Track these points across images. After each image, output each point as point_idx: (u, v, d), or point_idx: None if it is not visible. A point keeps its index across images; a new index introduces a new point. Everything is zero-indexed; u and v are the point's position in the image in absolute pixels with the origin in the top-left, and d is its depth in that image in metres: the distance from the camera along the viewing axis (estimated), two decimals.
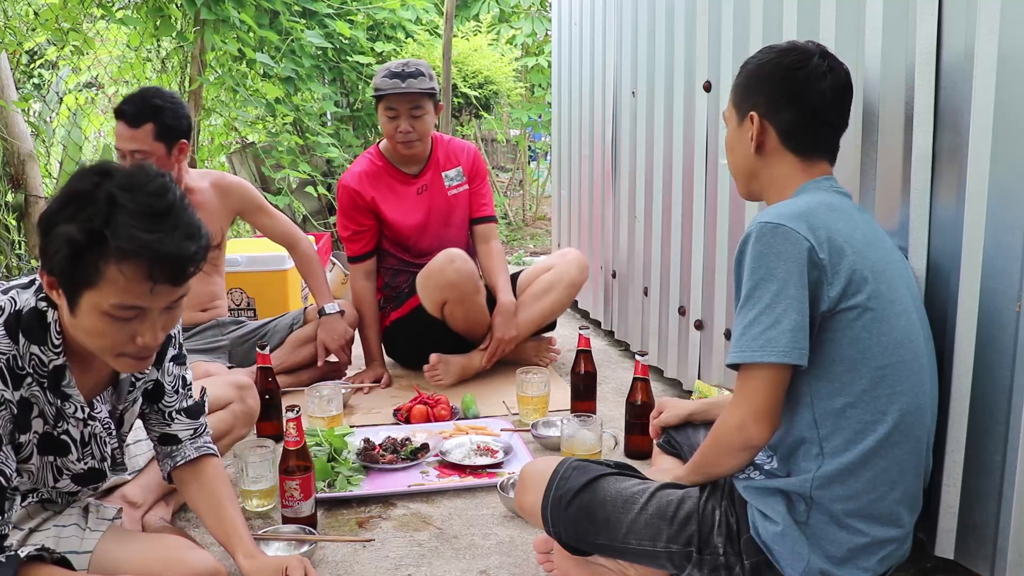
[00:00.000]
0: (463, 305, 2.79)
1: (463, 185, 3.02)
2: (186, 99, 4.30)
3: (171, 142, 2.39)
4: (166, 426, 1.60)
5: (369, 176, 2.92)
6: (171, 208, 1.22)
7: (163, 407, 1.58)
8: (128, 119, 2.34)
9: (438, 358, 2.83)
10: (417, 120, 2.81)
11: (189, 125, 2.44)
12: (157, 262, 1.19)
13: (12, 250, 3.38)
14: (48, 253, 1.21)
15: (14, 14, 3.76)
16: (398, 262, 3.01)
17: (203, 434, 1.65)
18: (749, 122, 1.46)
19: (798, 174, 1.45)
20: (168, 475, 1.63)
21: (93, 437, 1.44)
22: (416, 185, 2.95)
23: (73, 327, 1.28)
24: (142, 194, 1.20)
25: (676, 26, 2.69)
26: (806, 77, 1.41)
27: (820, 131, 1.44)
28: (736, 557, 1.36)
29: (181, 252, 1.21)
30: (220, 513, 1.54)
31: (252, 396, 2.20)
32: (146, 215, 1.19)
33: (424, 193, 2.96)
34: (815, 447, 1.31)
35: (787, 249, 1.27)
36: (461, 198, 3.02)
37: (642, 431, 2.28)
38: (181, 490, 1.64)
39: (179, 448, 1.61)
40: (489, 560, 1.78)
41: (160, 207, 1.21)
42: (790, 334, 1.25)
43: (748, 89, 1.48)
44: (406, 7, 5.69)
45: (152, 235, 1.19)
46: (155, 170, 1.25)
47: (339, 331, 2.77)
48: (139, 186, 1.21)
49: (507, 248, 6.65)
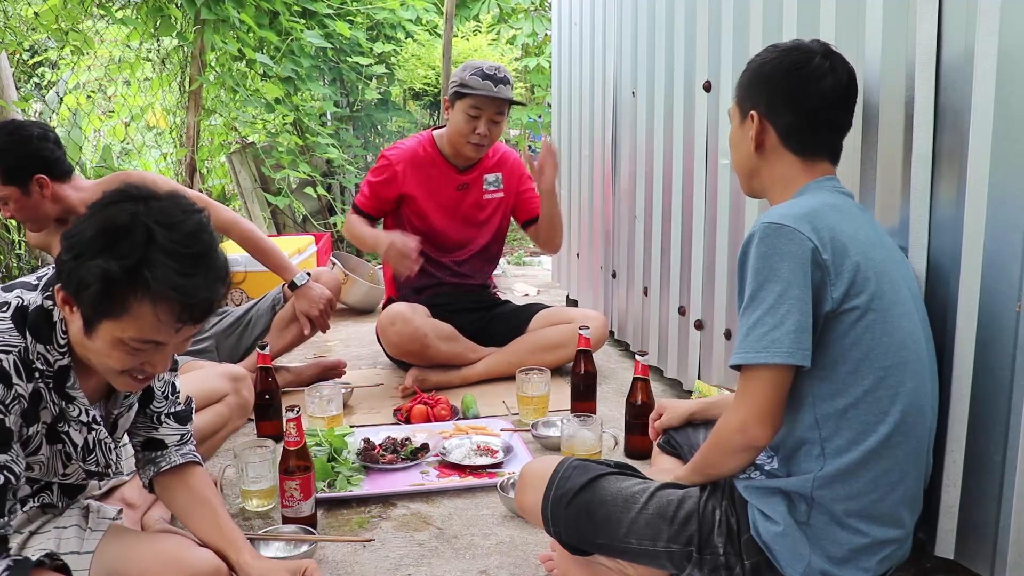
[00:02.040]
0: (421, 356, 2.83)
1: (499, 192, 3.04)
2: (186, 99, 4.30)
3: (23, 181, 2.26)
4: (153, 430, 1.58)
5: (415, 161, 2.92)
6: (207, 251, 1.24)
7: (152, 411, 1.58)
8: None
9: (413, 378, 2.83)
10: (495, 126, 2.84)
11: (43, 157, 2.27)
12: (189, 306, 1.21)
13: (12, 250, 3.38)
14: (74, 277, 1.20)
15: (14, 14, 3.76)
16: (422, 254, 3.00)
17: (188, 442, 1.64)
18: (750, 121, 1.47)
19: (799, 174, 1.45)
20: (150, 482, 1.61)
21: (98, 443, 1.44)
22: (459, 181, 2.97)
23: (81, 344, 1.29)
24: (179, 234, 1.20)
25: (676, 26, 2.69)
26: (806, 77, 1.41)
27: (820, 132, 1.44)
28: (736, 557, 1.36)
29: (213, 296, 1.24)
30: (216, 519, 1.53)
31: (247, 387, 2.19)
32: (184, 257, 1.20)
33: (463, 191, 2.98)
34: (816, 448, 1.31)
35: (791, 250, 1.27)
36: (494, 203, 3.04)
37: (642, 431, 2.28)
38: (165, 497, 1.61)
39: (164, 454, 1.60)
40: (489, 560, 1.78)
41: (197, 250, 1.22)
42: (793, 335, 1.25)
43: (750, 88, 1.48)
44: (406, 7, 5.69)
45: (189, 280, 1.19)
46: (189, 204, 1.26)
47: (315, 296, 2.70)
48: (177, 224, 1.21)
49: (507, 248, 6.65)
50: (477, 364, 2.91)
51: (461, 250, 3.04)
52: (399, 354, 2.84)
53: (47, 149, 2.31)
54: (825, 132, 1.45)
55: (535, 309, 3.05)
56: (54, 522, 1.44)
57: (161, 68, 4.50)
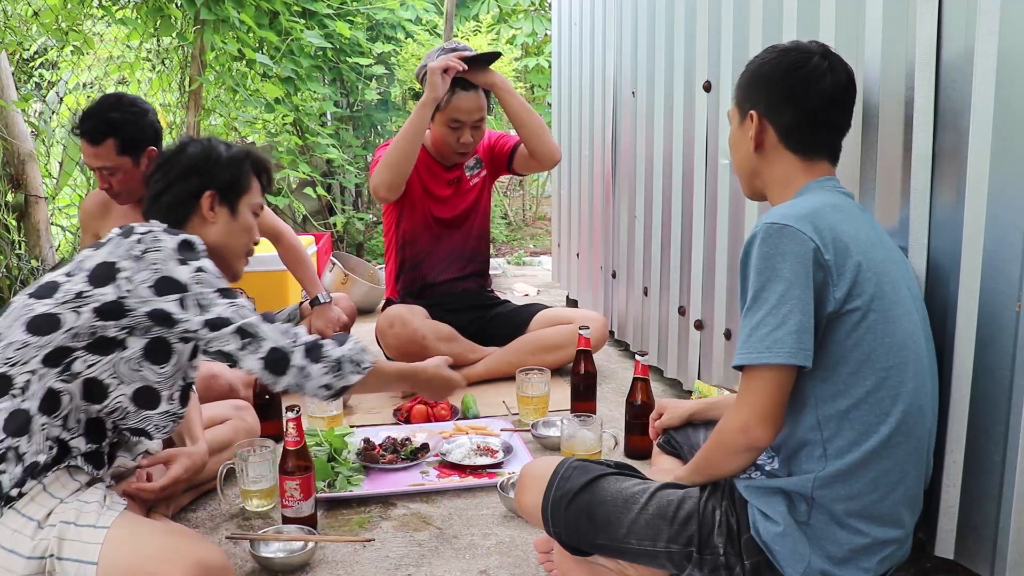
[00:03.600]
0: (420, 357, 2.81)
1: (481, 171, 3.10)
2: (186, 99, 4.29)
3: (137, 154, 2.33)
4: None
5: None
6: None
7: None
8: (88, 137, 2.28)
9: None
10: (478, 130, 2.89)
11: (155, 130, 2.37)
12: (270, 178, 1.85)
13: (12, 250, 3.38)
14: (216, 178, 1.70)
15: (14, 14, 3.76)
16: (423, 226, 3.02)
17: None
18: (749, 121, 1.47)
19: (799, 174, 1.45)
20: None
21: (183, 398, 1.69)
22: (448, 176, 3.03)
23: (231, 234, 1.72)
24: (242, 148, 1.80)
25: (676, 26, 2.69)
26: (804, 77, 1.41)
27: (819, 131, 1.44)
28: (736, 557, 1.36)
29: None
30: None
31: (250, 414, 2.23)
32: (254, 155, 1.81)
33: (453, 185, 3.04)
34: (818, 449, 1.31)
35: (793, 250, 1.27)
36: (479, 184, 3.10)
37: (642, 431, 2.28)
38: None
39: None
40: (489, 560, 1.78)
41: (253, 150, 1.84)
42: (796, 335, 1.25)
43: (749, 88, 1.48)
44: (406, 7, 5.69)
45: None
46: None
47: (332, 317, 2.82)
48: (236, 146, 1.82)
49: (507, 248, 6.65)
50: (477, 364, 2.91)
51: (460, 233, 3.07)
52: (398, 356, 2.84)
53: (158, 124, 2.40)
54: (824, 131, 1.45)
55: (535, 309, 3.06)
56: (79, 495, 1.48)
57: (161, 68, 4.49)
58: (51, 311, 1.46)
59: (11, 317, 1.49)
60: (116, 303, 1.47)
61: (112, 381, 1.52)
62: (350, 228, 5.78)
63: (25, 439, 1.41)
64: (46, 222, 3.60)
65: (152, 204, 1.69)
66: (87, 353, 1.48)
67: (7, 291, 3.32)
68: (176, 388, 1.63)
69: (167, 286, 1.49)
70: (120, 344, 1.51)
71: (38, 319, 1.46)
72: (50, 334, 1.45)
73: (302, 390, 1.60)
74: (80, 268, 1.51)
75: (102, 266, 1.49)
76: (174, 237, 1.55)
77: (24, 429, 1.41)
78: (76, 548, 1.38)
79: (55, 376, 1.46)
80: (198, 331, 1.51)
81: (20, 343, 1.45)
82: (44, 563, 1.38)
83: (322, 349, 1.60)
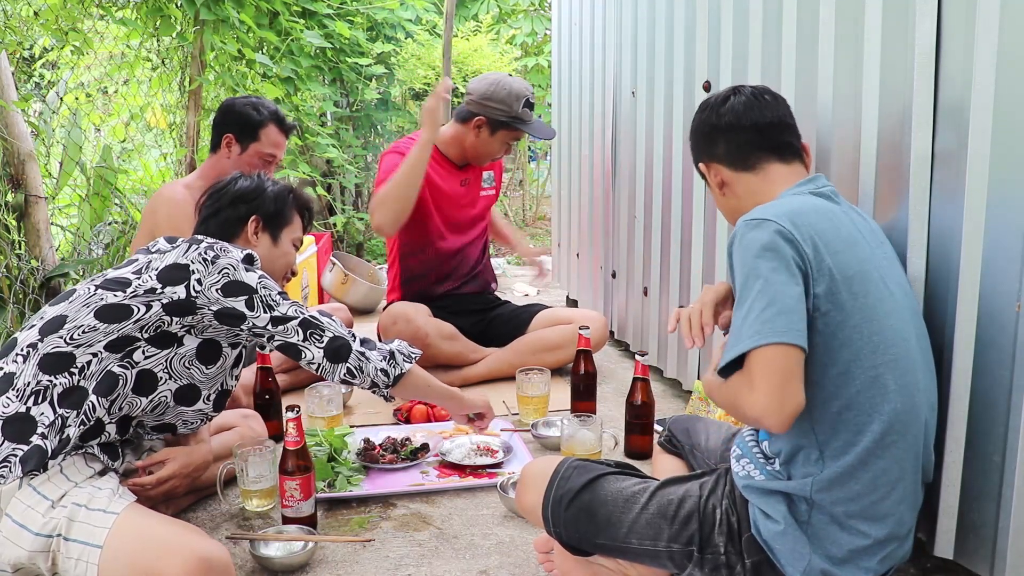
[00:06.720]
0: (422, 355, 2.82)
1: (491, 190, 3.14)
2: (186, 99, 4.29)
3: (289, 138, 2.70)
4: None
5: None
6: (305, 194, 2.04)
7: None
8: (289, 131, 2.61)
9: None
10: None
11: None
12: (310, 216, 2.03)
13: (12, 250, 3.38)
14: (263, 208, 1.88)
15: (14, 14, 3.75)
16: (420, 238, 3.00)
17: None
18: (706, 172, 1.56)
19: (767, 186, 1.48)
20: None
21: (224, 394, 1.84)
22: (461, 177, 3.02)
23: (271, 258, 1.88)
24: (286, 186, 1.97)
25: (676, 26, 2.69)
26: (712, 109, 1.53)
27: (754, 139, 1.48)
28: (737, 556, 1.36)
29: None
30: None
31: (258, 422, 2.25)
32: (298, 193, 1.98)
33: (466, 186, 3.04)
34: (815, 452, 1.31)
35: (771, 241, 1.29)
36: (488, 200, 3.13)
37: (642, 431, 2.28)
38: None
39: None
40: (489, 560, 1.78)
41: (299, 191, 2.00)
42: (785, 316, 1.23)
43: (692, 150, 1.61)
44: (406, 7, 5.68)
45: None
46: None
47: None
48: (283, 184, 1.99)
49: (507, 248, 6.65)
50: (478, 364, 2.91)
51: (464, 242, 3.07)
52: None
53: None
54: (758, 137, 1.48)
55: (535, 310, 3.06)
56: (94, 481, 1.54)
57: (161, 68, 4.49)
58: (124, 302, 1.61)
59: (78, 303, 1.62)
60: (187, 301, 1.64)
61: (163, 375, 1.67)
62: (350, 228, 5.79)
63: (74, 413, 1.54)
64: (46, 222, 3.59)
65: (201, 225, 1.86)
66: (148, 345, 1.63)
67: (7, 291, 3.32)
68: (215, 391, 1.79)
69: (236, 289, 1.69)
70: (179, 341, 1.67)
71: (109, 308, 1.60)
72: (119, 323, 1.60)
73: (362, 374, 1.81)
74: (149, 268, 1.67)
75: (174, 267, 1.66)
76: (240, 250, 1.75)
77: (78, 405, 1.54)
78: (84, 530, 1.43)
79: (116, 361, 1.60)
80: (266, 326, 1.72)
81: (88, 327, 1.58)
82: (50, 541, 1.43)
83: (375, 342, 1.87)
